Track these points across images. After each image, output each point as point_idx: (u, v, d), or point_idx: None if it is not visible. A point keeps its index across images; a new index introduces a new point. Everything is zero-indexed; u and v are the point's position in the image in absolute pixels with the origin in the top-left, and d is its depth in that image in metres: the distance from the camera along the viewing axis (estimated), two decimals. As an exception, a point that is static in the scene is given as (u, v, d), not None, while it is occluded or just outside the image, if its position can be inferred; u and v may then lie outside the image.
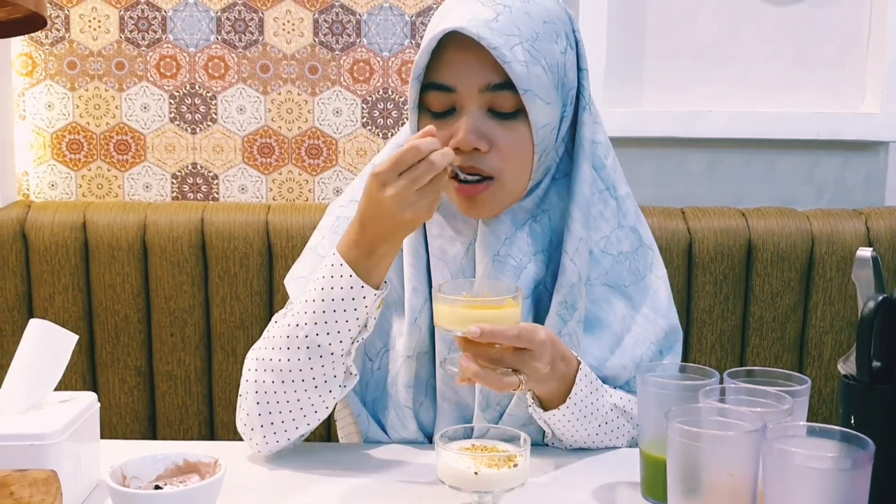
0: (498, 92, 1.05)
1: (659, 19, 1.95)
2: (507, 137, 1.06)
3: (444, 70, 1.05)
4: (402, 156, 0.98)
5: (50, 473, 0.86)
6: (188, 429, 1.79)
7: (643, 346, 1.17)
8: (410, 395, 1.16)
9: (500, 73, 1.03)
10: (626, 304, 1.18)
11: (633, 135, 1.94)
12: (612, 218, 1.18)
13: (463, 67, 1.04)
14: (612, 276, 1.18)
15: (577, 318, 1.13)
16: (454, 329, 1.01)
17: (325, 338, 1.04)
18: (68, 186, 1.94)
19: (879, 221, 1.78)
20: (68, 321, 1.73)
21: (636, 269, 1.20)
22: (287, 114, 1.93)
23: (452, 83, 1.05)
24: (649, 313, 1.19)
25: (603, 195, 1.18)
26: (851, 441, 0.82)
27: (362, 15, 1.91)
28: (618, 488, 1.06)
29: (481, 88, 1.05)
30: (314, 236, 1.24)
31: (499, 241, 1.12)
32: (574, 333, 1.13)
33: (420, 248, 1.16)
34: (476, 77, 1.04)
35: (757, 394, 0.95)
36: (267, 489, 1.05)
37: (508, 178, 1.08)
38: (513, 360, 1.01)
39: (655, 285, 1.20)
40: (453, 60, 1.05)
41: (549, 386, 1.07)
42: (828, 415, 1.79)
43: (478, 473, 0.92)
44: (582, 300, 1.13)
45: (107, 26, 1.90)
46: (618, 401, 1.16)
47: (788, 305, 1.77)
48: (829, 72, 1.98)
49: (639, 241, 1.21)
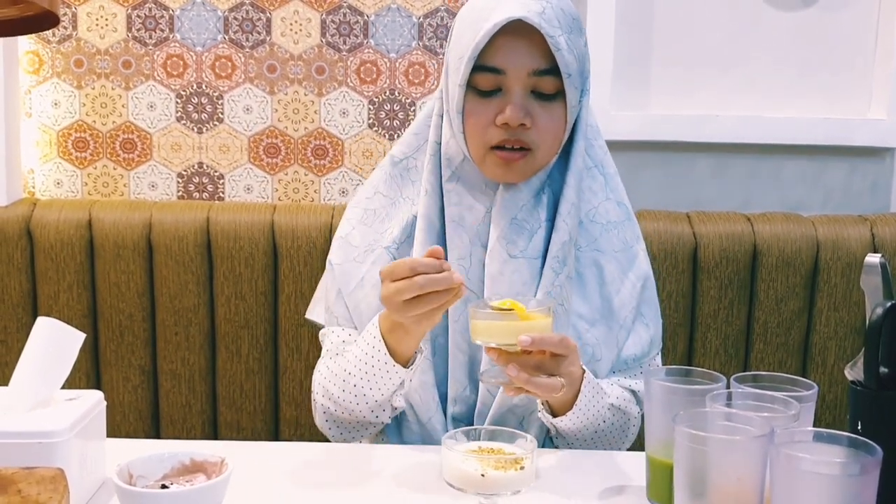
0: (542, 77, 1.16)
1: (666, 24, 1.95)
2: (546, 117, 1.18)
3: (496, 54, 1.15)
4: (394, 266, 1.07)
5: (57, 471, 0.86)
6: (191, 428, 1.79)
7: (628, 309, 1.27)
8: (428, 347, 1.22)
9: (546, 59, 1.15)
10: (615, 268, 1.28)
11: (640, 139, 1.94)
12: (599, 191, 1.30)
13: (514, 52, 1.15)
14: (601, 243, 1.28)
15: (566, 273, 1.22)
16: (499, 341, 1.07)
17: (370, 391, 1.18)
18: (74, 184, 1.94)
19: (885, 228, 1.78)
20: (73, 319, 1.74)
21: (624, 238, 1.30)
22: (293, 114, 1.94)
23: (503, 66, 1.16)
24: (635, 279, 1.29)
25: (591, 171, 1.29)
26: (859, 447, 0.82)
27: (370, 16, 1.91)
28: (624, 492, 1.06)
29: (529, 72, 1.16)
30: (343, 226, 1.32)
31: (516, 207, 1.22)
32: (563, 286, 1.22)
33: (434, 218, 1.24)
34: (526, 62, 1.15)
35: (764, 399, 0.95)
36: (273, 489, 1.05)
37: (542, 151, 1.20)
38: (552, 365, 1.09)
39: (640, 256, 1.31)
40: (506, 46, 1.15)
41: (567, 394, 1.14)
42: (831, 420, 1.79)
43: (484, 476, 0.93)
44: (570, 259, 1.23)
45: (114, 25, 1.90)
46: (614, 400, 1.23)
47: (793, 311, 1.77)
48: (837, 78, 1.98)
49: (626, 214, 1.32)
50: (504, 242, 1.21)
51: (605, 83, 1.90)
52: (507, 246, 1.21)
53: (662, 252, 1.75)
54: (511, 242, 1.21)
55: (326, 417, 1.26)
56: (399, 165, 1.30)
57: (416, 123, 1.32)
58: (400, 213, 1.28)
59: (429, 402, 1.24)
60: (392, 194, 1.30)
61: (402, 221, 1.27)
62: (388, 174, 1.31)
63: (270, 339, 1.77)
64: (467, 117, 1.18)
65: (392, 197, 1.30)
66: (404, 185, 1.29)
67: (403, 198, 1.29)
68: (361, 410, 1.21)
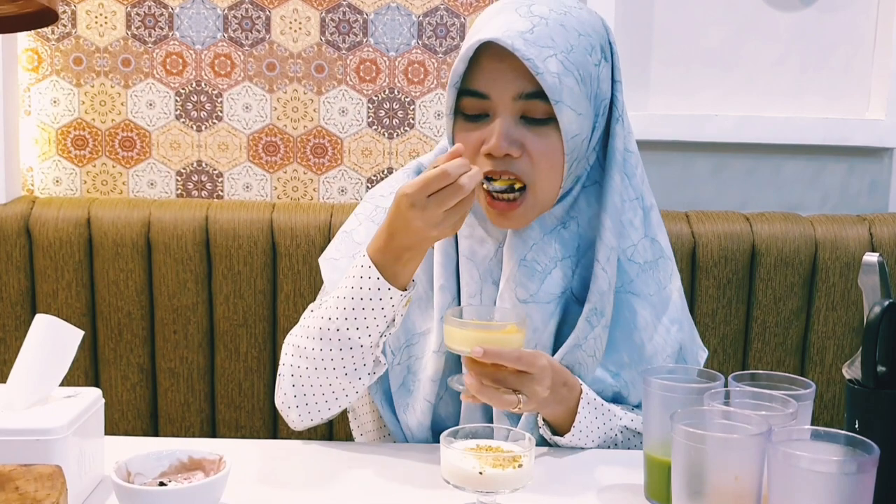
0: (530, 100, 1.08)
1: (666, 24, 1.95)
2: (539, 143, 1.09)
3: (480, 78, 1.09)
4: (431, 180, 1.02)
5: (55, 469, 0.86)
6: (190, 426, 1.79)
7: (662, 356, 1.20)
8: (433, 390, 1.19)
9: (533, 82, 1.06)
10: (650, 313, 1.20)
11: (639, 138, 1.90)
12: (640, 227, 1.21)
13: (498, 76, 1.08)
14: (637, 285, 1.20)
15: (603, 324, 1.16)
16: (461, 349, 1.07)
17: (355, 332, 1.09)
18: (73, 183, 1.94)
19: (883, 227, 1.78)
20: (71, 317, 1.74)
21: (658, 279, 1.22)
22: (293, 112, 1.94)
23: (487, 90, 1.09)
24: (669, 324, 1.21)
25: (633, 204, 1.20)
26: (856, 445, 0.82)
27: (369, 14, 1.91)
28: (622, 490, 1.06)
29: (514, 97, 1.08)
30: (350, 221, 1.27)
31: (526, 247, 1.15)
32: (599, 338, 1.16)
33: (450, 249, 1.19)
34: (510, 86, 1.08)
35: (762, 397, 0.96)
36: (271, 487, 1.05)
37: (539, 185, 1.11)
38: (514, 381, 1.06)
39: (674, 296, 1.23)
40: (488, 69, 1.09)
41: (552, 410, 1.13)
42: (829, 420, 1.79)
43: (482, 473, 0.93)
44: (609, 307, 1.16)
45: (113, 22, 1.90)
46: (629, 422, 1.18)
47: (791, 310, 1.77)
48: (835, 78, 1.98)
49: (660, 251, 1.23)
50: (513, 285, 1.14)
51: (604, 82, 1.90)
52: (516, 289, 1.14)
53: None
54: (521, 286, 1.14)
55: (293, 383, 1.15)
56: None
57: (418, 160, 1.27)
58: None
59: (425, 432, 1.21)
60: None
61: None
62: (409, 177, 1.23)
63: (269, 337, 1.77)
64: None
65: None
66: None
67: None
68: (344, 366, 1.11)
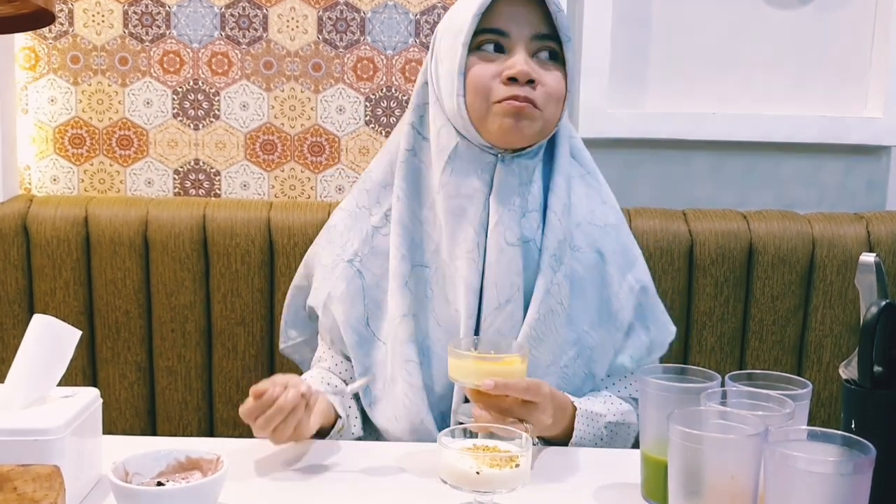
0: (543, 41, 1.22)
1: (664, 22, 1.95)
2: (550, 77, 1.22)
3: (499, 18, 1.21)
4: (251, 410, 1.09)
5: (53, 469, 0.86)
6: (188, 425, 1.79)
7: (625, 311, 1.28)
8: (413, 350, 1.24)
9: (546, 25, 1.21)
10: (615, 270, 1.29)
11: (636, 136, 1.94)
12: (595, 196, 1.32)
13: (517, 17, 1.21)
14: (601, 244, 1.29)
15: (563, 272, 1.24)
16: (469, 382, 1.09)
17: None
18: (70, 181, 1.94)
19: (880, 226, 1.78)
20: (69, 316, 1.73)
21: (623, 241, 1.32)
22: (290, 111, 1.93)
23: (507, 28, 1.21)
24: (633, 282, 1.31)
25: (586, 178, 1.32)
26: (853, 446, 0.82)
27: (366, 13, 1.91)
28: (618, 490, 1.06)
29: (531, 36, 1.21)
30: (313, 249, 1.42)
31: (512, 190, 1.23)
32: (561, 285, 1.23)
33: (407, 221, 1.27)
34: (528, 26, 1.21)
35: (758, 397, 0.96)
36: (268, 486, 1.06)
37: (547, 114, 1.23)
38: (521, 411, 1.10)
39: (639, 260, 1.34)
40: (507, 10, 1.21)
41: (552, 432, 1.18)
42: (826, 418, 1.80)
43: (480, 473, 0.93)
44: (567, 258, 1.24)
45: (110, 21, 1.90)
46: (612, 417, 1.24)
47: (788, 309, 1.77)
48: (833, 76, 1.98)
49: (621, 220, 1.34)
50: (501, 229, 1.22)
51: (602, 81, 1.90)
52: (504, 233, 1.22)
53: (658, 250, 1.75)
54: (509, 229, 1.22)
55: None
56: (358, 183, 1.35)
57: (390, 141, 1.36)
58: (358, 223, 1.31)
59: (419, 404, 1.24)
60: (349, 207, 1.34)
61: (362, 233, 1.30)
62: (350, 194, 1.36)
63: (267, 335, 1.77)
64: (469, 77, 1.20)
65: (349, 209, 1.34)
66: (360, 197, 1.33)
67: (360, 208, 1.32)
68: None
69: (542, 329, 1.22)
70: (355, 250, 1.30)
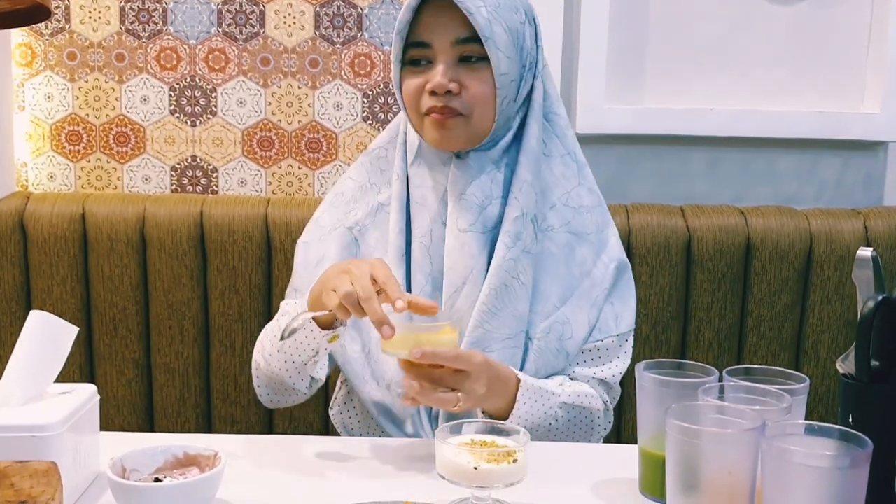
0: (466, 44, 1.23)
1: (661, 17, 1.95)
2: (474, 80, 1.24)
3: (424, 30, 1.25)
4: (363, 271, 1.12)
5: (50, 465, 0.86)
6: (185, 421, 1.79)
7: (600, 288, 1.31)
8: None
9: (467, 29, 1.22)
10: (588, 250, 1.32)
11: (634, 132, 1.94)
12: (573, 177, 1.34)
13: (437, 27, 1.24)
14: (574, 225, 1.31)
15: (520, 248, 1.26)
16: (398, 352, 1.10)
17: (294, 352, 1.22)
18: (67, 178, 1.93)
19: (878, 221, 1.78)
20: (66, 313, 1.73)
21: (596, 222, 1.34)
22: (287, 107, 1.93)
23: (429, 39, 1.24)
24: (608, 261, 1.33)
25: (565, 158, 1.34)
26: (850, 440, 0.82)
27: (363, 9, 1.91)
28: (616, 485, 1.06)
29: (452, 42, 1.23)
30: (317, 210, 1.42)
31: (466, 184, 1.27)
32: (520, 261, 1.26)
33: (404, 200, 1.32)
34: (448, 33, 1.23)
35: (756, 392, 0.96)
36: (266, 482, 1.06)
37: (476, 116, 1.25)
38: (452, 380, 1.12)
39: (612, 241, 1.35)
40: (429, 21, 1.25)
41: (491, 403, 1.19)
42: (824, 413, 1.80)
43: (477, 468, 0.93)
44: (527, 234, 1.27)
45: (107, 17, 1.89)
46: (567, 398, 1.25)
47: (786, 304, 1.77)
48: (830, 71, 1.98)
49: (598, 201, 1.36)
50: (455, 217, 1.27)
51: (599, 77, 1.90)
52: (457, 221, 1.26)
53: (656, 245, 1.75)
54: (461, 217, 1.26)
55: (257, 374, 1.31)
56: (371, 154, 1.38)
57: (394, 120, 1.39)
58: (367, 197, 1.35)
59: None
60: (360, 179, 1.37)
61: (367, 206, 1.35)
62: (360, 163, 1.39)
63: (264, 332, 1.77)
64: (403, 90, 1.27)
65: (360, 181, 1.37)
66: (373, 172, 1.37)
67: (371, 184, 1.36)
68: (287, 370, 1.23)
69: (496, 303, 1.24)
70: (357, 219, 1.34)
